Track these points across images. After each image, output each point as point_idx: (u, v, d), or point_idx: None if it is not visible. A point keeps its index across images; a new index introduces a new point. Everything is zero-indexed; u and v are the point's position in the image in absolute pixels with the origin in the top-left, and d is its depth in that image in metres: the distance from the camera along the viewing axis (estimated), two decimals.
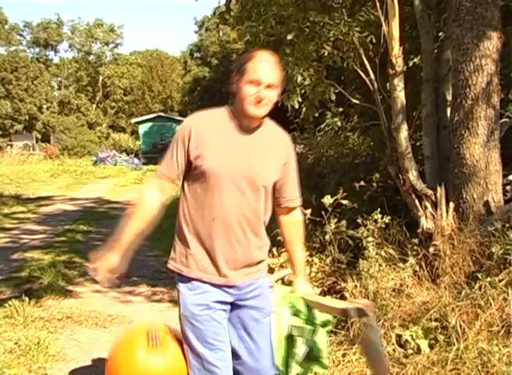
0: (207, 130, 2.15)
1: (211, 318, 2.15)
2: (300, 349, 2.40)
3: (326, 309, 2.42)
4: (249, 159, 2.16)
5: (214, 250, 2.16)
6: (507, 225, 3.83)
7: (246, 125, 2.17)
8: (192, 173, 2.19)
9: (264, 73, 2.08)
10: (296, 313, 2.42)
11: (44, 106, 42.25)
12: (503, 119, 4.54)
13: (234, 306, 2.26)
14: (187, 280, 2.21)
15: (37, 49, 45.54)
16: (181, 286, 2.23)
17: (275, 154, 2.24)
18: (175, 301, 5.32)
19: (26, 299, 4.83)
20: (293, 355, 2.42)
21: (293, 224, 2.42)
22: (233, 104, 2.19)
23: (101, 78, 45.17)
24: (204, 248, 2.18)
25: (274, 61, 2.13)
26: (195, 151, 2.14)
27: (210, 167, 2.12)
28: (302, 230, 2.47)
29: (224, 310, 2.21)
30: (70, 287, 5.75)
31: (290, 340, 2.40)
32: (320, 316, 2.42)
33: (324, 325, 2.44)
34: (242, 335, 2.26)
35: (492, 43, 4.21)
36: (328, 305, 2.43)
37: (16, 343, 3.98)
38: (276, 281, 2.83)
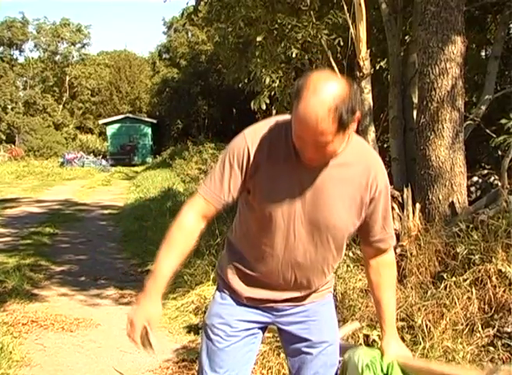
0: (265, 157, 1.72)
1: (228, 335, 1.88)
2: None
3: None
4: (314, 202, 1.72)
5: (258, 282, 1.87)
6: (471, 226, 3.90)
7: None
8: (243, 201, 1.83)
9: (307, 130, 1.54)
10: None
11: (9, 106, 41.36)
12: (467, 122, 4.63)
13: (279, 330, 1.98)
14: (224, 288, 1.95)
15: (1, 48, 44.60)
16: (217, 293, 1.97)
17: (353, 191, 1.74)
18: None
19: None
20: None
21: (383, 266, 1.90)
22: None
23: (67, 78, 44.44)
24: (249, 278, 1.88)
25: (330, 100, 1.51)
26: (249, 181, 1.75)
27: (263, 208, 1.75)
28: (394, 273, 1.96)
29: (250, 330, 1.92)
30: (36, 291, 5.63)
31: None
32: None
33: None
34: (290, 363, 1.98)
35: (457, 47, 4.30)
36: (443, 372, 1.78)
37: None
38: (345, 339, 2.28)
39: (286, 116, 1.70)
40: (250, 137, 1.74)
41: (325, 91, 1.52)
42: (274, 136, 1.72)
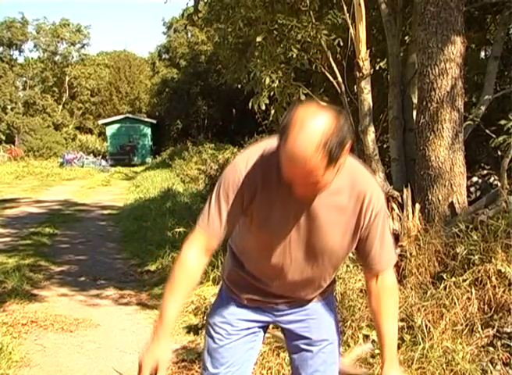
0: (260, 186, 1.71)
1: (229, 334, 1.93)
2: None
3: None
4: (309, 229, 1.74)
5: (257, 289, 1.93)
6: (471, 226, 3.90)
7: None
8: (241, 221, 1.83)
9: (296, 169, 1.52)
10: None
11: (9, 107, 41.32)
12: (467, 122, 4.63)
13: (280, 327, 2.05)
14: (227, 289, 2.02)
15: (1, 48, 44.56)
16: (219, 294, 2.06)
17: (348, 217, 1.74)
18: (143, 304, 5.29)
19: None
20: None
21: (384, 292, 1.86)
22: None
23: (67, 79, 44.38)
24: (249, 284, 1.93)
25: (318, 137, 1.47)
26: (247, 209, 1.76)
27: (260, 232, 1.78)
28: (395, 299, 1.92)
29: (251, 329, 1.97)
30: (35, 291, 5.63)
31: None
32: None
33: None
34: (292, 360, 2.04)
35: (456, 47, 4.30)
36: None
37: None
38: (354, 362, 2.29)
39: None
40: (243, 167, 1.72)
41: (312, 127, 1.47)
42: (266, 164, 1.70)
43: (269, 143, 1.72)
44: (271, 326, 2.13)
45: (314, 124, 1.48)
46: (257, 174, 1.70)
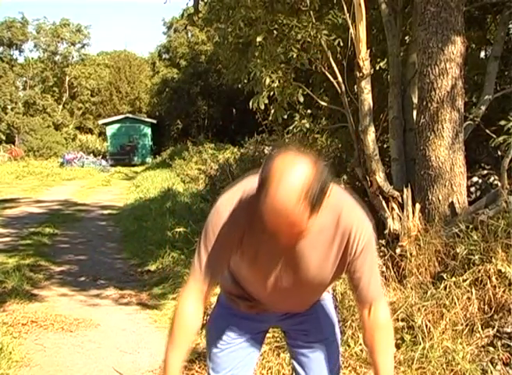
0: (247, 227, 1.69)
1: (230, 338, 1.97)
2: None
3: None
4: (296, 267, 1.74)
5: (253, 302, 1.96)
6: (471, 226, 3.90)
7: None
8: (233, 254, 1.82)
9: (278, 224, 1.49)
10: None
11: (9, 107, 41.31)
12: (467, 122, 4.63)
13: (281, 328, 2.12)
14: (225, 296, 2.03)
15: (1, 48, 44.55)
16: (219, 300, 2.08)
17: (334, 253, 1.72)
18: (143, 304, 5.29)
19: None
20: None
21: (375, 326, 1.79)
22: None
23: (67, 79, 44.39)
24: (246, 297, 1.95)
25: (298, 190, 1.43)
26: (237, 250, 1.76)
27: (249, 267, 1.80)
28: (389, 334, 1.85)
29: (251, 333, 1.99)
30: (35, 291, 5.64)
31: None
32: None
33: None
34: (293, 359, 2.07)
35: (457, 47, 4.30)
36: None
37: None
38: None
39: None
40: (226, 211, 1.69)
41: (292, 179, 1.43)
42: (249, 206, 1.64)
43: (249, 183, 1.67)
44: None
45: (293, 176, 1.44)
46: (242, 216, 1.67)
